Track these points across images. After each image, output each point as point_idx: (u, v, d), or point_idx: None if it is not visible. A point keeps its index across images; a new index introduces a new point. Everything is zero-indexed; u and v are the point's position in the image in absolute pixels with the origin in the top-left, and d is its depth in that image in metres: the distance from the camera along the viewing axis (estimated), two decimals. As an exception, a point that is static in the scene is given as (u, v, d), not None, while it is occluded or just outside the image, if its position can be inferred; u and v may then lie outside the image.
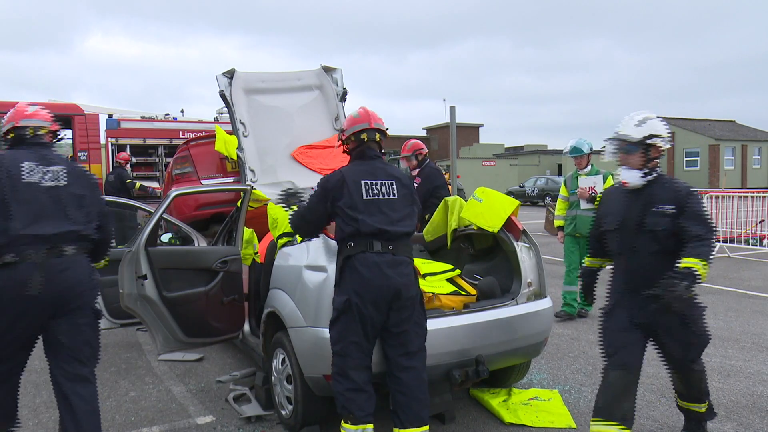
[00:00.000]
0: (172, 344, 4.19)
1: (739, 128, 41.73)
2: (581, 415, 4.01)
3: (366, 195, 3.29)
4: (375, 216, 3.25)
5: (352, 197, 3.26)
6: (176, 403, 4.33)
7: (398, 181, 3.40)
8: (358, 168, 3.38)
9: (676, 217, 3.07)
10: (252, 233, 4.59)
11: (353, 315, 3.16)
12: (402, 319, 3.22)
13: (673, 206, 3.08)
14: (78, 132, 12.27)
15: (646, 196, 3.16)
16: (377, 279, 3.16)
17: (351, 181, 3.30)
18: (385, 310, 3.19)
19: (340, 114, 5.78)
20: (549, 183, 30.58)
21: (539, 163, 41.41)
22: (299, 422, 3.66)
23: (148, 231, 4.03)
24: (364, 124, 3.42)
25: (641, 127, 3.14)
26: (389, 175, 3.39)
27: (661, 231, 3.11)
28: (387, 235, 3.24)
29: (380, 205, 3.30)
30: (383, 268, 3.18)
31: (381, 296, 3.16)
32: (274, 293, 3.95)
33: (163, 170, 13.14)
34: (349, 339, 3.17)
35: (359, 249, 3.22)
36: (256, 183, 5.07)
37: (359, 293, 3.15)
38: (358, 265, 3.19)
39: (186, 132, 13.22)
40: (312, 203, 3.43)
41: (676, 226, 3.08)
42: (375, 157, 3.44)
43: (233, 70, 5.39)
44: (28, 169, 2.91)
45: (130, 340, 6.01)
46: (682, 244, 3.05)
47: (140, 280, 3.97)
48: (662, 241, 3.13)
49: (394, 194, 3.35)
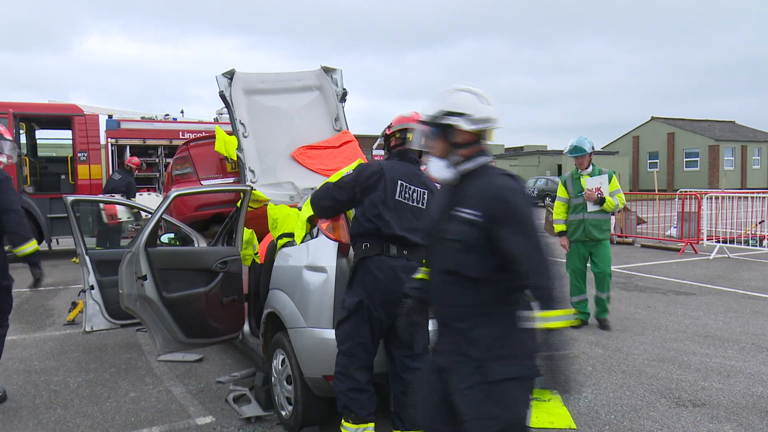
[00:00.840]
0: (171, 345, 4.19)
1: (739, 129, 41.74)
2: (581, 415, 4.01)
3: (398, 195, 3.28)
4: (400, 219, 3.24)
5: (386, 193, 3.25)
6: (176, 404, 4.33)
7: (430, 193, 3.36)
8: (397, 167, 3.37)
9: (483, 228, 2.12)
10: (252, 234, 4.59)
11: (364, 316, 3.17)
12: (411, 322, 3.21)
13: (477, 212, 2.14)
14: (78, 132, 12.28)
15: (454, 195, 2.26)
16: (391, 283, 3.15)
17: (389, 177, 3.28)
18: (393, 312, 3.17)
19: (339, 114, 5.78)
20: (549, 183, 30.57)
21: (539, 164, 41.41)
22: (299, 423, 3.66)
23: (148, 231, 4.03)
24: (412, 123, 3.37)
25: (438, 102, 2.25)
26: (423, 184, 3.37)
27: (456, 243, 2.18)
28: (405, 241, 3.22)
29: (408, 210, 3.28)
30: (398, 272, 3.18)
31: (393, 300, 3.13)
32: (273, 294, 3.95)
33: (162, 171, 13.16)
34: (357, 340, 3.19)
35: (375, 251, 3.22)
36: (255, 183, 5.06)
37: (371, 295, 3.17)
38: (373, 268, 3.20)
39: (186, 132, 13.24)
40: (344, 183, 3.37)
41: (484, 240, 2.13)
42: (414, 161, 3.43)
43: (233, 71, 5.39)
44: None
45: (130, 340, 6.01)
46: (502, 270, 2.14)
47: (140, 281, 3.98)
48: (456, 258, 2.19)
49: (423, 203, 3.32)
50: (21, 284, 9.74)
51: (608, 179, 6.09)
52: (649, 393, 4.40)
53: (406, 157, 3.43)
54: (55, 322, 6.84)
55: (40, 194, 12.25)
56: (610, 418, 3.96)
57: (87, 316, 4.89)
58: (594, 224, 6.07)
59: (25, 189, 11.88)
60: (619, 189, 6.15)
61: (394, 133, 3.48)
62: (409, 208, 3.29)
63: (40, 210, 11.68)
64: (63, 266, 11.26)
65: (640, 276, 9.32)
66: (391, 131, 3.49)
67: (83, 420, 4.05)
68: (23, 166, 11.84)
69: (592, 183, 6.08)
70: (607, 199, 6.01)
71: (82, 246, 4.93)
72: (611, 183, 6.09)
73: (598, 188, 6.03)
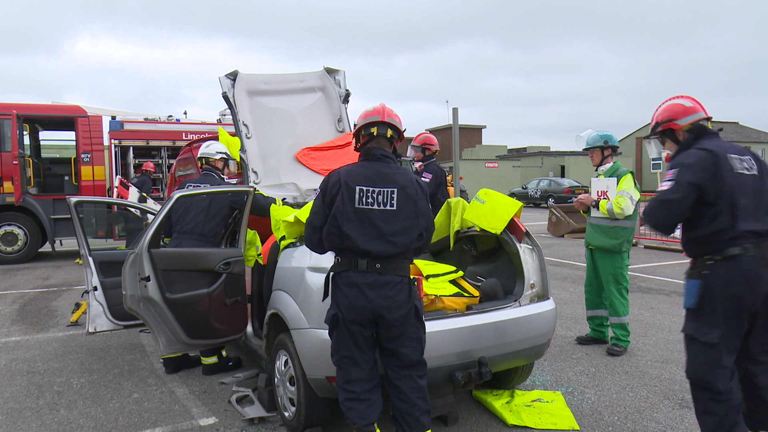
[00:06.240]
0: (175, 346, 4.20)
1: (743, 130, 41.69)
2: (584, 417, 4.01)
3: (358, 203, 3.06)
4: (364, 229, 3.04)
5: (344, 204, 3.05)
6: (179, 405, 4.33)
7: (401, 190, 3.10)
8: (358, 170, 3.13)
9: None
10: (254, 235, 4.60)
11: (342, 330, 3.11)
12: (391, 337, 3.13)
13: None
14: (81, 134, 12.32)
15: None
16: (357, 301, 3.04)
17: (346, 185, 3.07)
18: (371, 327, 3.13)
19: (342, 116, 5.78)
20: (552, 184, 30.56)
21: (542, 165, 41.40)
22: (302, 424, 3.65)
23: (151, 233, 4.04)
24: (376, 117, 3.21)
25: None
26: (392, 182, 3.10)
27: None
28: (373, 254, 3.04)
29: (372, 216, 3.05)
30: (363, 290, 3.03)
31: (362, 317, 3.08)
32: (276, 295, 3.95)
33: (166, 172, 13.19)
34: (342, 353, 3.13)
35: (343, 267, 3.09)
36: (259, 185, 5.08)
37: (343, 312, 3.09)
38: (341, 284, 3.09)
39: (189, 134, 13.28)
40: (315, 207, 3.21)
41: None
42: (381, 158, 3.18)
43: (236, 72, 5.39)
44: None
45: (133, 341, 6.02)
46: None
47: (143, 282, 3.98)
48: None
49: (392, 204, 3.08)
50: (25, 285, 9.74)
51: (617, 180, 5.25)
52: (652, 394, 4.39)
53: (371, 156, 3.19)
54: (58, 323, 6.86)
55: (43, 195, 12.29)
56: (614, 420, 3.96)
57: (90, 317, 4.90)
58: (595, 230, 5.41)
59: (29, 190, 11.92)
60: (624, 191, 5.18)
61: (359, 130, 3.26)
62: (374, 214, 3.05)
63: (43, 211, 11.72)
64: (66, 267, 11.29)
65: (643, 277, 9.30)
66: (356, 129, 3.28)
67: (86, 421, 4.06)
68: (27, 168, 11.88)
69: (599, 185, 5.37)
70: (601, 203, 5.27)
71: (86, 247, 4.94)
72: (619, 183, 5.24)
73: (604, 192, 5.29)
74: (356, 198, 3.06)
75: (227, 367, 4.99)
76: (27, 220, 11.95)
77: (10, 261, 11.81)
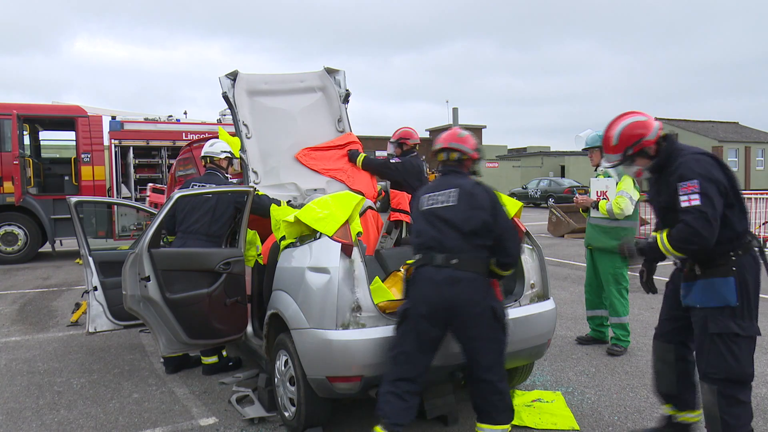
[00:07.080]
0: (175, 346, 4.20)
1: (743, 130, 41.65)
2: (584, 417, 4.01)
3: (424, 206, 3.41)
4: (432, 225, 3.30)
5: (415, 210, 3.50)
6: (179, 405, 4.33)
7: (461, 188, 3.34)
8: (430, 184, 3.54)
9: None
10: (254, 234, 4.60)
11: (410, 324, 3.20)
12: (469, 337, 3.20)
13: None
14: (81, 134, 12.32)
15: None
16: (432, 296, 3.17)
17: (417, 196, 3.53)
18: (442, 326, 3.20)
19: (343, 116, 5.77)
20: (552, 185, 30.54)
21: (542, 165, 41.36)
22: (302, 424, 3.65)
23: (151, 233, 4.04)
24: (438, 145, 3.55)
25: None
26: (454, 185, 3.37)
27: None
28: (443, 247, 3.21)
29: (437, 212, 3.32)
30: (439, 285, 3.17)
31: (435, 313, 3.16)
32: (277, 295, 3.95)
33: (166, 172, 13.18)
34: (402, 348, 3.20)
35: (422, 262, 3.29)
36: (259, 185, 5.07)
37: (416, 306, 3.20)
38: (418, 279, 3.27)
39: (189, 134, 13.27)
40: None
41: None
42: (447, 173, 3.50)
43: (236, 72, 5.39)
44: None
45: (133, 341, 6.02)
46: None
47: (143, 282, 3.98)
48: None
49: (453, 200, 3.31)
50: (25, 285, 9.73)
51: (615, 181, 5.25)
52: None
53: (441, 172, 3.57)
54: (58, 323, 6.86)
55: (43, 195, 12.30)
56: (614, 420, 3.96)
57: (90, 317, 4.90)
58: (595, 230, 5.42)
59: (29, 190, 11.92)
60: (623, 191, 5.16)
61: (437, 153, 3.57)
62: (438, 210, 3.32)
63: (43, 211, 11.73)
64: (66, 267, 11.30)
65: (643, 277, 9.29)
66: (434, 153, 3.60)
67: (87, 421, 4.06)
68: (27, 168, 11.88)
69: (598, 185, 5.40)
70: (601, 203, 5.30)
71: (86, 247, 4.94)
72: (618, 184, 5.22)
73: (603, 192, 5.33)
74: (425, 203, 3.43)
75: (227, 367, 4.99)
76: (27, 220, 11.96)
77: (10, 261, 11.81)
